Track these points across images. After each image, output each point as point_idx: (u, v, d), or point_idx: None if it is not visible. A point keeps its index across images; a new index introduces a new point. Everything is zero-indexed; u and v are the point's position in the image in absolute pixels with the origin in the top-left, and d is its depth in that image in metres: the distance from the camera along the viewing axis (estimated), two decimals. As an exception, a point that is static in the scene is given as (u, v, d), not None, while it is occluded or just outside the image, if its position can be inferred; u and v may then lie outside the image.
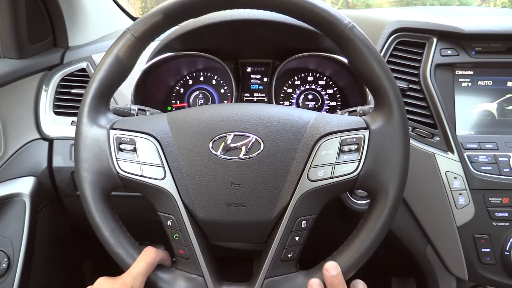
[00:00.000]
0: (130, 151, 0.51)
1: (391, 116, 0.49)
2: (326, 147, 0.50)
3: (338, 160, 0.49)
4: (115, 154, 0.51)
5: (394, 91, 0.49)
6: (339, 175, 0.49)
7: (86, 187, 0.50)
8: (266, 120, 0.51)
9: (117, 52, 0.51)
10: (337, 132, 0.50)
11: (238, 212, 0.50)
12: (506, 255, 0.67)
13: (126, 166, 0.50)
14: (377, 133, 0.49)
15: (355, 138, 0.49)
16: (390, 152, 0.49)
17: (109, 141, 0.51)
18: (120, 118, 0.54)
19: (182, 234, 0.51)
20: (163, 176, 0.50)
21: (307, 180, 0.49)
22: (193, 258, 0.51)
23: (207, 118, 0.52)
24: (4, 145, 0.80)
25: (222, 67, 0.80)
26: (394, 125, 0.49)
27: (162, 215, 0.51)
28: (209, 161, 0.50)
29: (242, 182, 0.50)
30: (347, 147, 0.49)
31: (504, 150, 0.70)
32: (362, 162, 0.49)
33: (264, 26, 0.74)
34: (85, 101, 0.51)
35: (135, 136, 0.51)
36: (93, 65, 0.87)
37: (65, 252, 0.95)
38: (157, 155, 0.51)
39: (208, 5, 0.51)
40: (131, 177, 0.50)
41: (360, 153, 0.49)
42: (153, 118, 0.54)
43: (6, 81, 0.82)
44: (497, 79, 0.74)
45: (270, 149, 0.50)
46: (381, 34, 0.75)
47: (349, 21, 0.49)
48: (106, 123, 0.52)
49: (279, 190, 0.50)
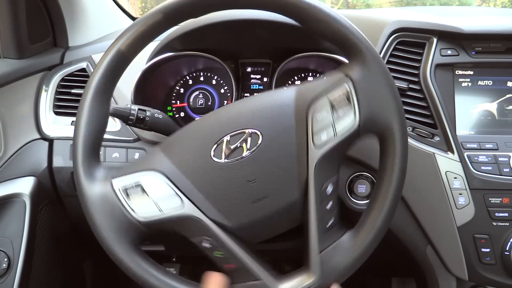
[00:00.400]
0: (140, 194, 0.49)
1: (366, 59, 0.50)
2: (319, 110, 0.50)
3: (335, 118, 0.50)
4: (127, 203, 0.49)
5: (361, 39, 0.50)
6: (342, 132, 0.49)
7: (118, 249, 0.48)
8: (253, 111, 0.51)
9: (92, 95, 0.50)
10: (322, 92, 0.51)
11: (265, 205, 0.50)
12: (506, 255, 0.67)
13: (142, 211, 0.49)
14: (360, 79, 0.50)
15: (342, 91, 0.50)
16: (379, 92, 0.50)
17: (116, 193, 0.49)
18: (114, 167, 0.52)
19: (223, 249, 0.50)
20: (182, 203, 0.49)
21: (315, 149, 0.49)
22: (243, 266, 0.50)
23: (198, 132, 0.52)
24: (4, 145, 0.80)
25: (222, 67, 0.80)
26: (371, 66, 0.50)
27: (197, 239, 0.50)
28: (218, 171, 0.50)
29: (256, 177, 0.49)
30: (338, 102, 0.50)
31: (504, 150, 0.70)
32: (358, 110, 0.49)
33: (264, 26, 0.74)
34: (77, 159, 0.49)
35: (138, 176, 0.50)
36: (93, 65, 0.87)
37: (65, 252, 0.95)
38: (167, 186, 0.50)
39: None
40: (153, 218, 0.49)
41: (352, 103, 0.49)
42: (148, 154, 0.53)
43: (6, 81, 0.82)
44: (497, 79, 0.74)
45: (269, 136, 0.50)
46: (381, 34, 0.75)
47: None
48: (103, 174, 0.51)
49: (294, 169, 0.50)
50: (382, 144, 0.51)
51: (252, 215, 0.50)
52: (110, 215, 0.48)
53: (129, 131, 0.79)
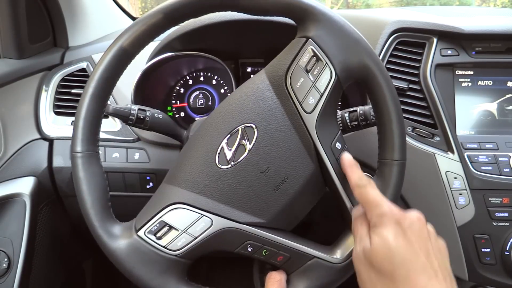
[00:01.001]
0: (168, 231, 0.49)
1: (315, 15, 0.51)
2: (295, 79, 0.51)
3: (312, 79, 0.50)
4: (158, 245, 0.48)
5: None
6: (324, 88, 0.50)
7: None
8: (236, 108, 0.52)
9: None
10: (291, 62, 0.51)
11: (287, 188, 0.50)
12: (506, 255, 0.67)
13: (177, 245, 0.48)
14: (319, 35, 0.51)
15: (308, 53, 0.51)
16: (341, 38, 0.50)
17: (144, 239, 0.48)
18: (132, 220, 0.51)
19: (268, 247, 0.50)
20: (211, 221, 0.49)
21: (308, 115, 0.50)
22: (295, 253, 0.50)
23: (194, 151, 0.52)
24: (4, 145, 0.80)
25: (222, 67, 0.80)
26: (323, 19, 0.50)
27: (239, 248, 0.50)
28: (230, 176, 0.50)
29: (268, 165, 0.50)
30: (310, 64, 0.50)
31: (504, 150, 0.70)
32: (330, 63, 0.50)
33: (264, 26, 0.74)
34: (91, 221, 0.48)
35: (159, 217, 0.49)
36: (93, 65, 0.87)
37: (65, 252, 0.95)
38: (191, 212, 0.49)
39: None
40: (189, 246, 0.49)
41: (323, 59, 0.50)
42: (157, 195, 0.52)
43: (6, 81, 0.82)
44: (497, 79, 0.74)
45: (262, 123, 0.51)
46: (381, 34, 0.75)
47: None
48: (126, 227, 0.50)
49: (298, 143, 0.50)
50: (366, 85, 0.52)
51: (278, 202, 0.50)
52: (148, 262, 0.48)
53: (129, 131, 0.79)
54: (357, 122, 0.62)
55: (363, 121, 0.62)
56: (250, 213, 0.50)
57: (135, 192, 0.80)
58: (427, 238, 0.43)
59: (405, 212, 0.44)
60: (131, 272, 0.48)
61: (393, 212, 0.43)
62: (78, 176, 0.49)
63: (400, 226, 0.42)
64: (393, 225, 0.43)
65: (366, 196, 0.46)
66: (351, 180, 0.48)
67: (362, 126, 0.62)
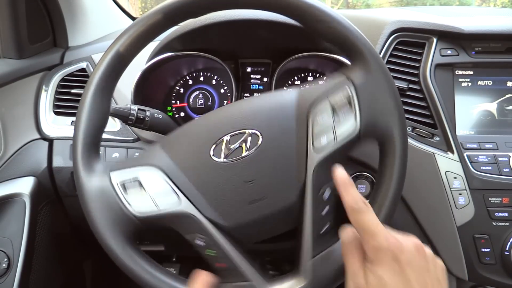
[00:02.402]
0: (138, 188, 0.49)
1: (368, 62, 0.50)
2: (319, 113, 0.50)
3: (335, 121, 0.49)
4: (124, 197, 0.49)
5: (364, 42, 0.50)
6: (342, 136, 0.49)
7: (111, 242, 0.48)
8: (254, 111, 0.51)
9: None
10: (324, 95, 0.50)
11: (262, 207, 0.49)
12: (506, 255, 0.67)
13: (139, 206, 0.49)
14: (362, 84, 0.49)
15: (343, 95, 0.50)
16: (381, 97, 0.49)
17: (114, 186, 0.49)
18: (113, 162, 0.53)
19: (216, 248, 0.49)
20: (179, 200, 0.49)
21: (314, 153, 0.49)
22: (234, 267, 0.49)
23: (199, 131, 0.52)
24: (4, 145, 0.80)
25: (222, 67, 0.80)
26: (373, 70, 0.49)
27: (190, 236, 0.50)
28: (216, 170, 0.50)
29: (254, 178, 0.49)
30: (339, 106, 0.49)
31: (504, 150, 0.70)
32: (359, 115, 0.49)
33: (264, 26, 0.74)
34: (77, 152, 0.50)
35: (137, 171, 0.50)
36: (93, 65, 0.87)
37: (65, 252, 0.95)
38: (165, 183, 0.50)
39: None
40: (149, 214, 0.49)
41: (353, 107, 0.49)
42: (147, 151, 0.53)
43: (6, 81, 0.82)
44: (497, 79, 0.74)
45: (269, 137, 0.50)
46: (381, 34, 0.75)
47: None
48: (102, 168, 0.51)
49: (292, 172, 0.49)
50: (382, 149, 0.51)
51: (248, 216, 0.50)
52: (106, 208, 0.48)
53: (129, 131, 0.79)
54: None
55: None
56: (216, 212, 0.49)
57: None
58: (426, 271, 0.41)
59: (403, 240, 0.41)
60: (89, 210, 0.48)
61: (390, 246, 0.40)
62: (82, 105, 0.50)
63: (397, 263, 0.40)
64: (390, 261, 0.40)
65: (363, 223, 0.42)
66: (346, 202, 0.43)
67: None
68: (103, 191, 0.49)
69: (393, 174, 0.49)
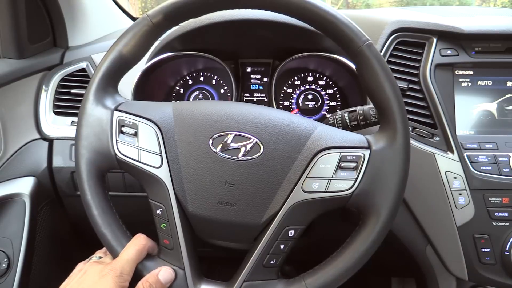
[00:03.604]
0: (131, 135, 0.51)
1: (395, 139, 0.49)
2: (325, 161, 0.49)
3: (334, 176, 0.49)
4: (115, 136, 0.51)
5: (401, 115, 0.49)
6: (333, 191, 0.49)
7: (83, 164, 0.50)
8: (269, 124, 0.51)
9: (133, 35, 0.52)
10: (338, 147, 0.50)
11: (228, 212, 0.50)
12: (506, 255, 0.67)
13: (124, 149, 0.51)
14: (378, 155, 0.49)
15: (355, 156, 0.49)
16: (388, 176, 0.49)
17: (112, 122, 0.51)
18: (126, 101, 0.54)
19: (169, 225, 0.51)
20: (160, 165, 0.50)
21: (301, 191, 0.49)
22: (176, 249, 0.51)
23: (211, 113, 0.52)
24: (4, 145, 0.80)
25: (222, 67, 0.80)
26: (396, 149, 0.49)
27: (153, 203, 0.52)
28: (207, 157, 0.50)
29: (236, 183, 0.50)
30: (346, 164, 0.49)
31: (504, 150, 0.70)
32: (358, 181, 0.49)
33: (264, 26, 0.74)
34: (95, 79, 0.52)
35: (138, 121, 0.52)
36: (93, 65, 0.87)
37: (65, 252, 0.95)
38: (157, 143, 0.51)
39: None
40: (128, 160, 0.51)
41: (358, 172, 0.49)
42: (159, 105, 0.54)
43: (6, 81, 0.83)
44: (497, 79, 0.74)
45: (269, 154, 0.50)
46: (381, 34, 0.75)
47: (367, 38, 0.49)
48: (111, 104, 0.53)
49: (272, 196, 0.50)
50: (362, 220, 0.51)
51: (212, 213, 0.50)
52: (96, 134, 0.51)
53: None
54: (357, 122, 0.62)
55: (363, 121, 0.62)
56: (187, 193, 0.50)
57: (135, 192, 0.80)
58: None
59: None
60: (80, 129, 0.51)
61: None
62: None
63: None
64: None
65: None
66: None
67: (361, 126, 0.62)
68: (101, 121, 0.51)
69: (358, 248, 0.49)
